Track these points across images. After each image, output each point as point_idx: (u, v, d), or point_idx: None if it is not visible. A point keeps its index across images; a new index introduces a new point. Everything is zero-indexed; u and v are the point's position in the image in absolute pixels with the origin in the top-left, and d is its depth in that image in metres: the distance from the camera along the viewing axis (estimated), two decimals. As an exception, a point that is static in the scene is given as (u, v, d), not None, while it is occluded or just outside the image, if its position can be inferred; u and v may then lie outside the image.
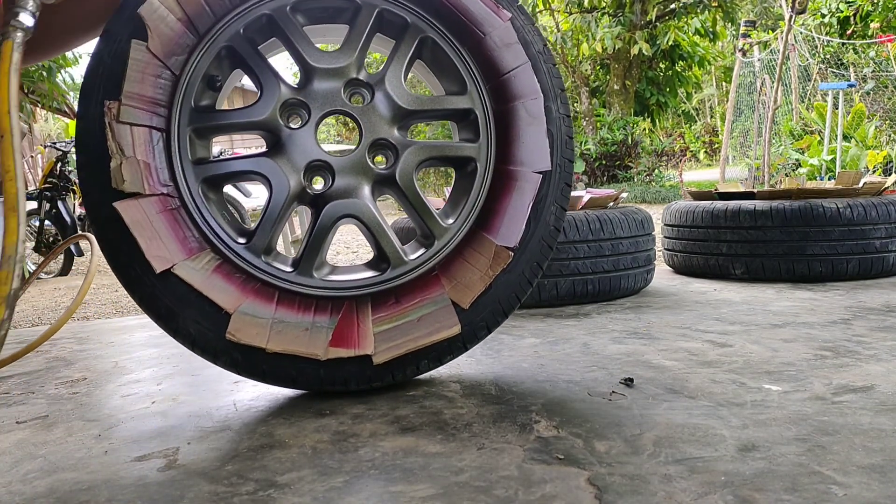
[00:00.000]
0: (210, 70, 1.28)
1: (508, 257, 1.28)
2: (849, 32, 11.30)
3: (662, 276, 2.86)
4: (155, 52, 1.24)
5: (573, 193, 2.81)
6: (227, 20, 1.27)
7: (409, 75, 1.40)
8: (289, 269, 1.29)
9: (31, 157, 11.44)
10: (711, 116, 21.03)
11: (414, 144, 1.32)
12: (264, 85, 1.29)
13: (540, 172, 1.31)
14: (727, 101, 9.12)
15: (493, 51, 1.32)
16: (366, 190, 1.32)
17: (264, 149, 1.32)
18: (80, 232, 5.63)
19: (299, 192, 1.30)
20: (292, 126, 1.31)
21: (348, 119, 1.33)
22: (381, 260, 1.32)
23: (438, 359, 1.31)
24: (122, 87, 1.22)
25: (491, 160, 1.32)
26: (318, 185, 1.32)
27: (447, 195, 1.47)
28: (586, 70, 13.36)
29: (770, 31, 11.98)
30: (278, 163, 1.29)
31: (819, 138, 8.47)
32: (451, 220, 1.32)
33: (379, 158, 1.34)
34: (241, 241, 1.27)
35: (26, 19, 0.87)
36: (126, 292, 1.27)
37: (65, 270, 5.45)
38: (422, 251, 1.32)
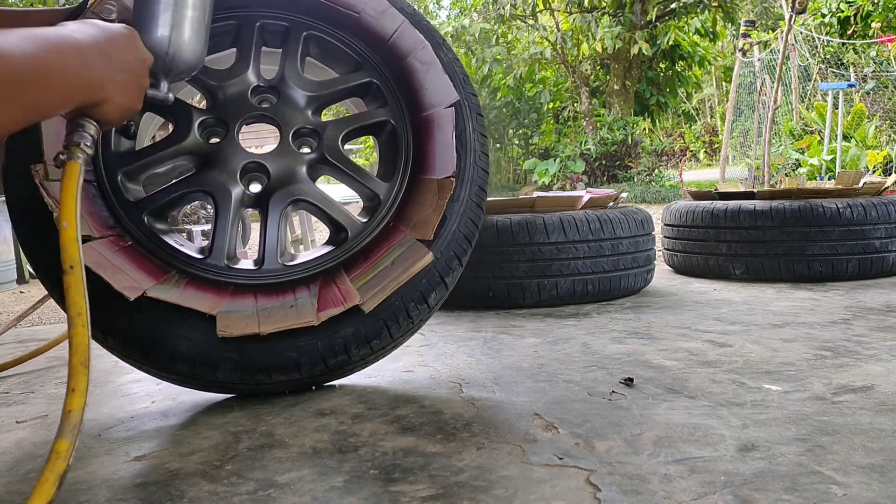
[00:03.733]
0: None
1: (451, 184, 1.34)
2: (849, 32, 11.30)
3: (662, 276, 2.86)
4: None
5: (573, 193, 2.81)
6: None
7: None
8: (254, 267, 1.33)
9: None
10: (711, 116, 21.02)
11: (330, 123, 1.42)
12: (176, 116, 1.36)
13: (451, 105, 1.39)
14: (727, 101, 9.12)
15: (371, 23, 1.42)
16: (302, 175, 1.38)
17: (192, 171, 1.38)
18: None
19: (241, 197, 1.36)
20: (214, 142, 1.38)
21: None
22: (338, 231, 1.37)
23: (423, 299, 1.31)
24: (44, 151, 1.24)
25: (405, 115, 1.41)
26: (257, 186, 1.39)
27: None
28: (586, 70, 13.35)
29: (770, 31, 11.98)
30: (215, 177, 1.34)
31: (819, 138, 8.47)
32: (388, 178, 1.40)
33: (304, 146, 1.42)
34: (200, 256, 1.31)
35: (87, 143, 0.91)
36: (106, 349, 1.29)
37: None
38: (373, 212, 1.38)
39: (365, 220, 1.37)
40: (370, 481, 0.92)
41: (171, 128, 1.38)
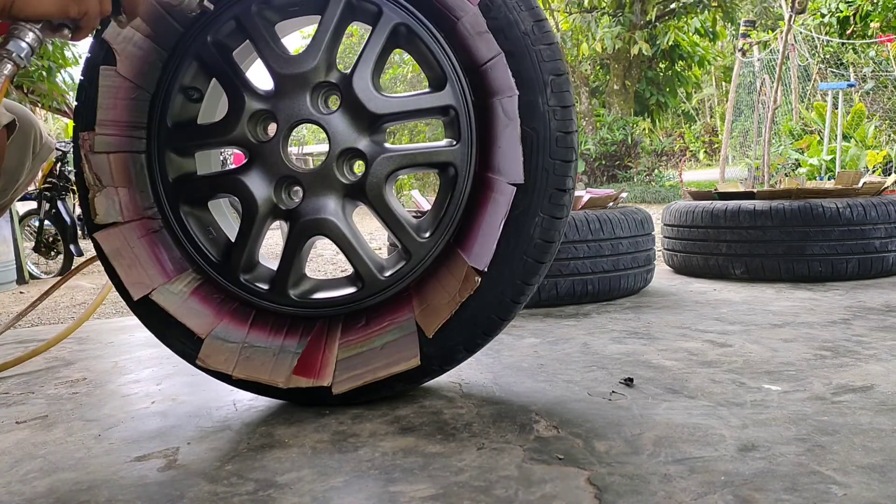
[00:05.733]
0: (185, 82, 1.25)
1: (475, 283, 1.14)
2: (848, 32, 11.30)
3: (662, 276, 2.86)
4: (125, 74, 1.22)
5: (573, 193, 2.80)
6: (195, 29, 1.23)
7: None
8: (266, 287, 1.26)
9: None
10: (711, 116, 21.03)
11: (383, 154, 1.20)
12: (230, 94, 1.23)
13: (514, 184, 1.13)
14: (727, 101, 9.12)
15: (466, 38, 1.14)
16: (334, 208, 1.23)
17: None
18: (79, 232, 5.64)
19: (271, 208, 1.25)
20: (262, 139, 1.24)
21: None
22: (357, 278, 1.25)
23: (403, 381, 1.22)
24: (96, 117, 1.21)
25: (471, 163, 1.17)
26: (292, 202, 1.26)
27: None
28: (586, 70, 13.36)
29: (770, 31, 11.98)
30: (251, 179, 1.23)
31: (819, 138, 8.47)
32: (427, 234, 1.20)
33: (350, 170, 1.26)
34: (218, 260, 1.27)
35: (18, 49, 0.83)
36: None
37: (64, 271, 5.45)
38: (398, 266, 1.22)
39: (386, 275, 1.22)
40: (370, 481, 0.92)
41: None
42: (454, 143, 1.18)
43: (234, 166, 1.33)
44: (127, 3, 0.91)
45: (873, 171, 7.56)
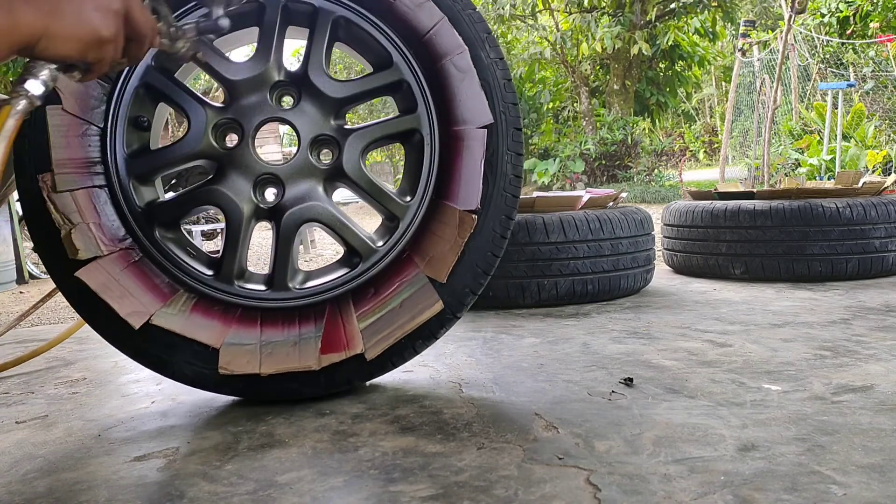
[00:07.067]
0: (133, 112, 1.26)
1: (473, 221, 1.24)
2: (848, 32, 11.30)
3: (662, 275, 2.86)
4: (72, 111, 1.21)
5: (573, 193, 2.81)
6: None
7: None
8: (263, 288, 1.28)
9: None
10: (711, 116, 21.03)
11: (353, 132, 1.28)
12: (190, 113, 1.26)
13: (484, 126, 1.25)
14: (727, 100, 9.12)
15: (406, 13, 1.26)
16: (318, 192, 1.29)
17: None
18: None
19: (254, 210, 1.28)
20: (228, 146, 1.28)
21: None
22: (352, 254, 1.30)
23: (433, 335, 1.29)
24: (51, 157, 1.20)
25: (435, 125, 1.27)
26: (271, 197, 1.30)
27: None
28: (586, 70, 13.35)
29: (770, 31, 11.98)
30: (226, 188, 1.26)
31: (818, 138, 8.47)
32: (408, 198, 1.29)
33: (323, 156, 1.32)
34: (210, 273, 1.27)
35: (34, 87, 0.83)
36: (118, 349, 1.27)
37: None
38: (390, 233, 1.29)
39: (379, 245, 1.28)
40: (370, 481, 0.92)
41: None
42: (414, 110, 1.28)
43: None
44: (135, 50, 0.91)
45: (873, 171, 7.56)
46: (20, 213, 5.50)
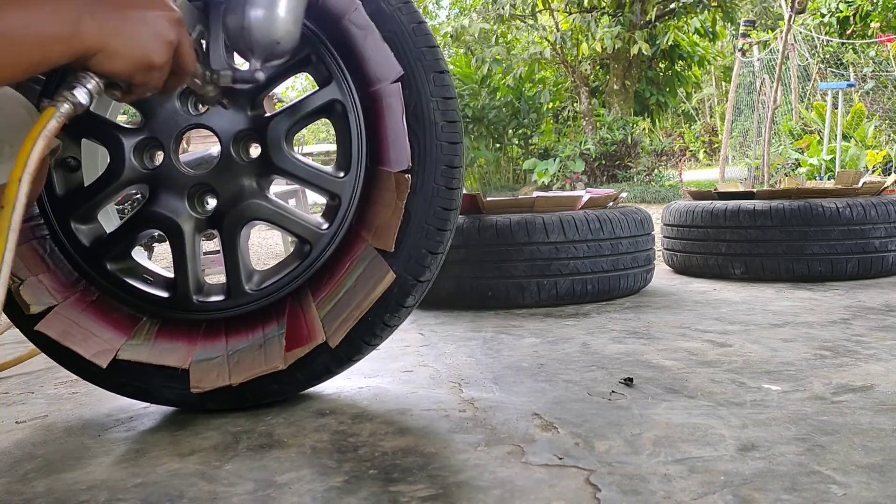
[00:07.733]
0: (59, 155, 1.24)
1: (408, 181, 1.17)
2: (848, 32, 11.30)
3: (662, 275, 2.86)
4: None
5: (573, 193, 2.81)
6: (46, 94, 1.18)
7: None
8: (223, 297, 1.26)
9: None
10: (711, 116, 21.03)
11: (272, 118, 1.23)
12: (107, 142, 1.24)
13: (397, 79, 1.18)
14: (727, 100, 9.12)
15: None
16: (252, 188, 1.26)
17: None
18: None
19: (195, 224, 1.25)
20: (155, 164, 1.26)
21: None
22: (303, 243, 1.26)
23: (400, 304, 1.21)
24: None
25: (353, 91, 1.21)
26: (210, 206, 1.28)
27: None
28: (586, 70, 13.35)
29: (770, 31, 11.98)
30: (162, 207, 1.24)
31: (818, 138, 8.47)
32: (342, 174, 1.24)
33: (249, 152, 1.28)
34: (168, 295, 1.26)
35: (81, 95, 0.84)
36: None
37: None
38: (334, 215, 1.25)
39: (325, 228, 1.24)
40: (370, 481, 0.92)
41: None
42: (329, 81, 1.23)
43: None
44: (173, 83, 0.93)
45: (873, 171, 7.56)
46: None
